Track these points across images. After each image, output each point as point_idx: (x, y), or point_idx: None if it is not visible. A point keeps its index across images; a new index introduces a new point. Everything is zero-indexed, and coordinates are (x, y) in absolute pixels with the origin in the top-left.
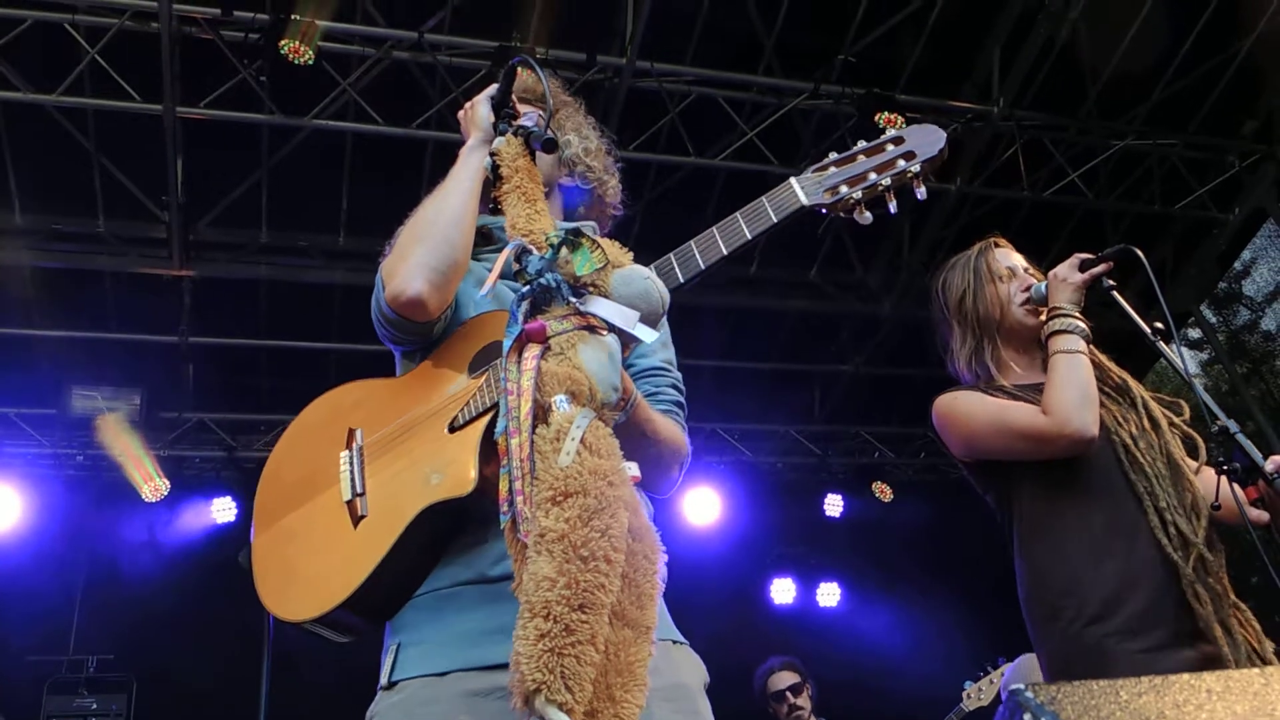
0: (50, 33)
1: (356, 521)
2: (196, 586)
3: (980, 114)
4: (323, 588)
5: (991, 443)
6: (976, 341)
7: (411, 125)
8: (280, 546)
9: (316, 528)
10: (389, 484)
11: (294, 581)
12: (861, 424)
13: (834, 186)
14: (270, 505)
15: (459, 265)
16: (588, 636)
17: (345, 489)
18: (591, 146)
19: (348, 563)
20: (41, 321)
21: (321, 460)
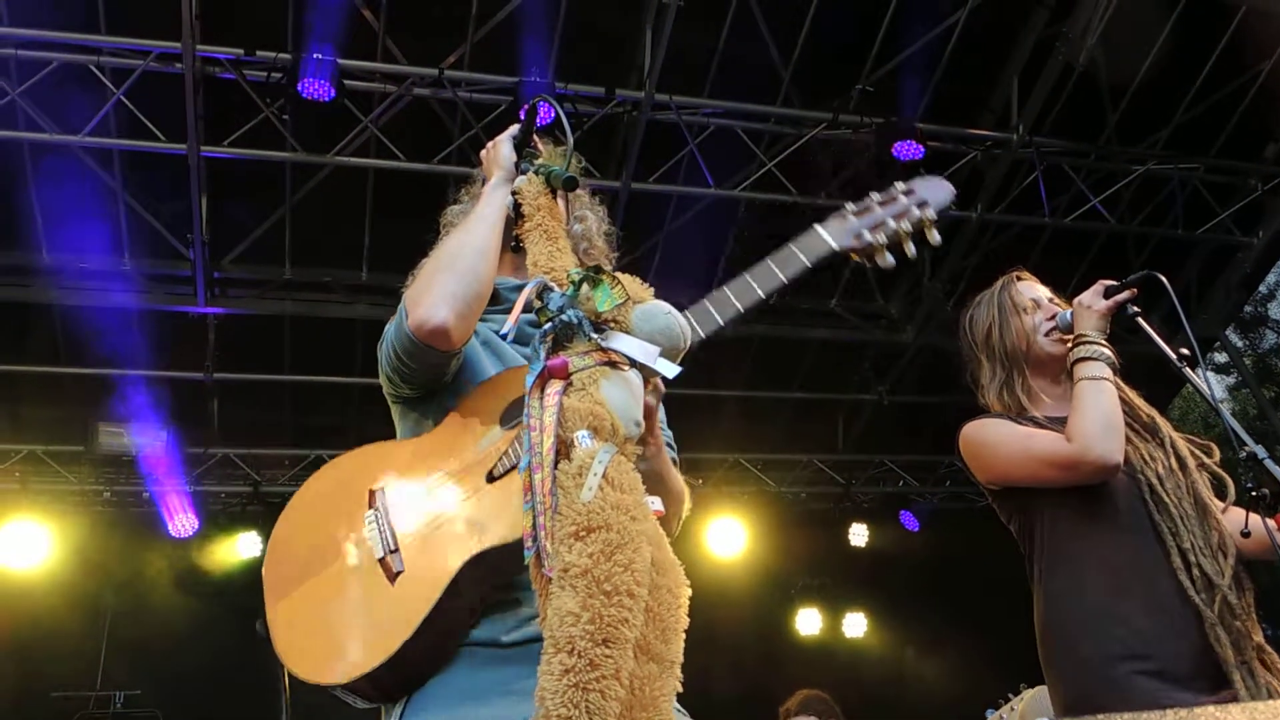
0: (76, 75)
1: (393, 578)
2: (222, 622)
3: (1000, 141)
4: (366, 645)
5: (1016, 469)
6: (1006, 374)
7: (433, 161)
8: (308, 611)
9: (348, 588)
10: (427, 538)
11: (329, 644)
12: (886, 453)
13: (858, 232)
14: (286, 574)
15: (482, 297)
16: (612, 671)
17: (376, 547)
18: (602, 229)
19: (391, 618)
20: (69, 359)
21: (341, 523)
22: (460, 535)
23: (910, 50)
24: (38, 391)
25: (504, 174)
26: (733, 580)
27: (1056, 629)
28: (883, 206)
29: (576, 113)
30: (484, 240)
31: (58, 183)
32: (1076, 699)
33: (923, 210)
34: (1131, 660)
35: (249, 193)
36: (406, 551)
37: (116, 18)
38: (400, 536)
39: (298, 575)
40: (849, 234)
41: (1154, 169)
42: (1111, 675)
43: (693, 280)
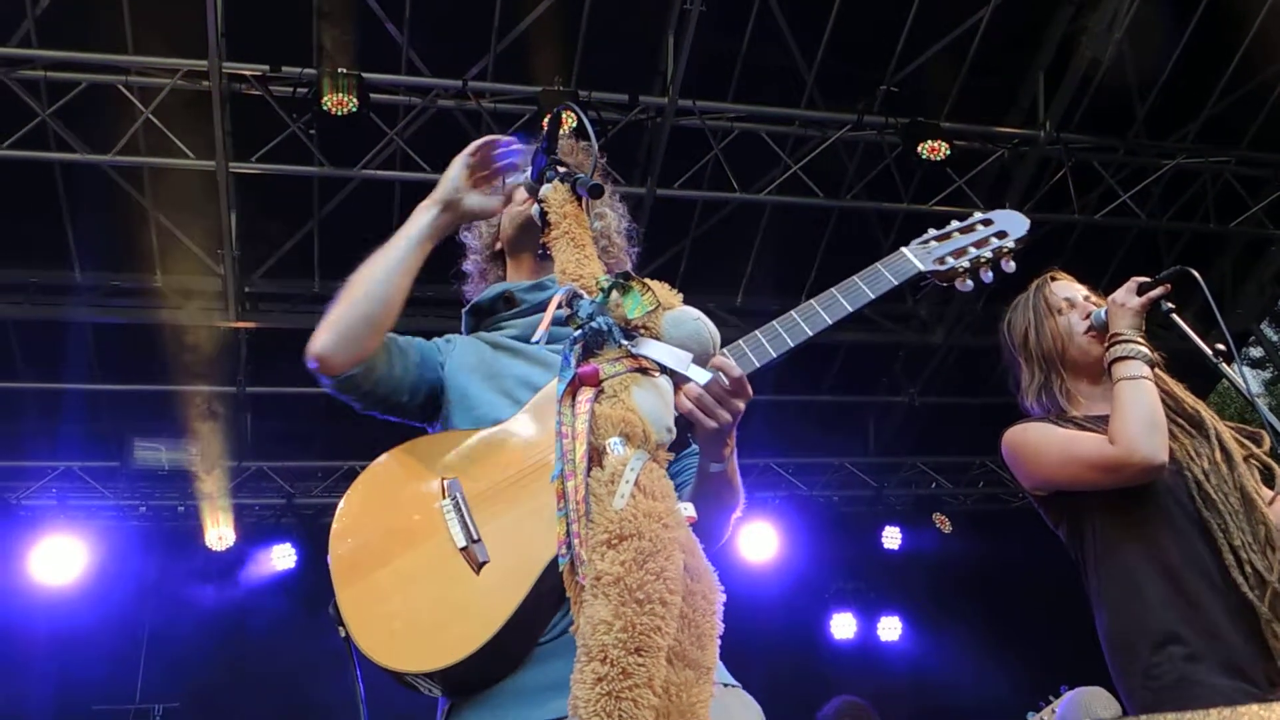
0: (104, 94)
1: (478, 568)
2: (259, 633)
3: (1027, 138)
4: (458, 632)
5: (1061, 473)
6: (1044, 376)
7: None
8: (384, 597)
9: (429, 576)
10: (511, 530)
11: (416, 630)
12: (918, 455)
13: (941, 257)
14: (356, 557)
15: (375, 320)
16: (645, 679)
17: (458, 536)
18: (621, 227)
19: (482, 606)
20: (103, 376)
21: (413, 512)
22: (548, 529)
23: (934, 49)
24: (73, 409)
25: (440, 195)
26: (766, 585)
27: (1121, 640)
28: (963, 234)
29: (600, 120)
30: (391, 261)
31: (89, 202)
32: (1141, 705)
33: (1002, 240)
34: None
35: (277, 207)
36: (490, 542)
37: (143, 37)
38: (482, 527)
39: (371, 560)
40: (932, 258)
41: (1184, 163)
42: (1172, 679)
43: (719, 286)
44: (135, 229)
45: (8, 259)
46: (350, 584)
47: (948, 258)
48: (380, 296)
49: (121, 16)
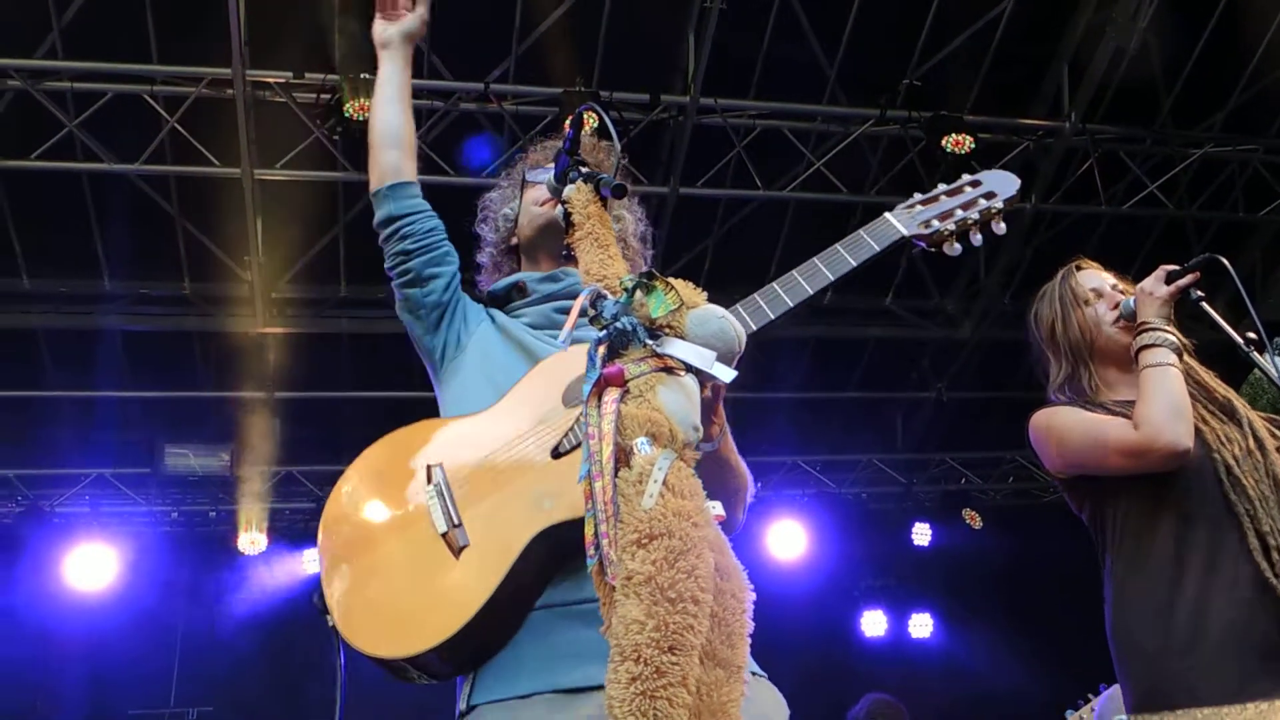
0: (130, 104)
1: (458, 552)
2: (291, 636)
3: (1052, 130)
4: (434, 618)
5: (1085, 457)
6: (1072, 368)
7: (482, 174)
8: (369, 586)
9: (410, 562)
10: (490, 514)
11: (396, 617)
12: (947, 451)
13: (926, 220)
14: (343, 548)
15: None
16: (679, 678)
17: (439, 522)
18: (639, 230)
19: (458, 591)
20: (133, 383)
21: (399, 497)
22: (526, 510)
23: (957, 42)
24: (105, 416)
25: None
26: (795, 583)
27: (1123, 621)
28: (950, 196)
29: (622, 119)
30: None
31: (117, 211)
32: (1145, 693)
33: (990, 201)
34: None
35: (302, 213)
36: (470, 526)
37: (167, 47)
38: (463, 511)
39: (355, 551)
40: (917, 222)
41: (1211, 152)
42: (1178, 671)
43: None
44: (163, 237)
45: (38, 269)
46: (336, 573)
47: (933, 221)
48: (388, 125)
49: (146, 27)
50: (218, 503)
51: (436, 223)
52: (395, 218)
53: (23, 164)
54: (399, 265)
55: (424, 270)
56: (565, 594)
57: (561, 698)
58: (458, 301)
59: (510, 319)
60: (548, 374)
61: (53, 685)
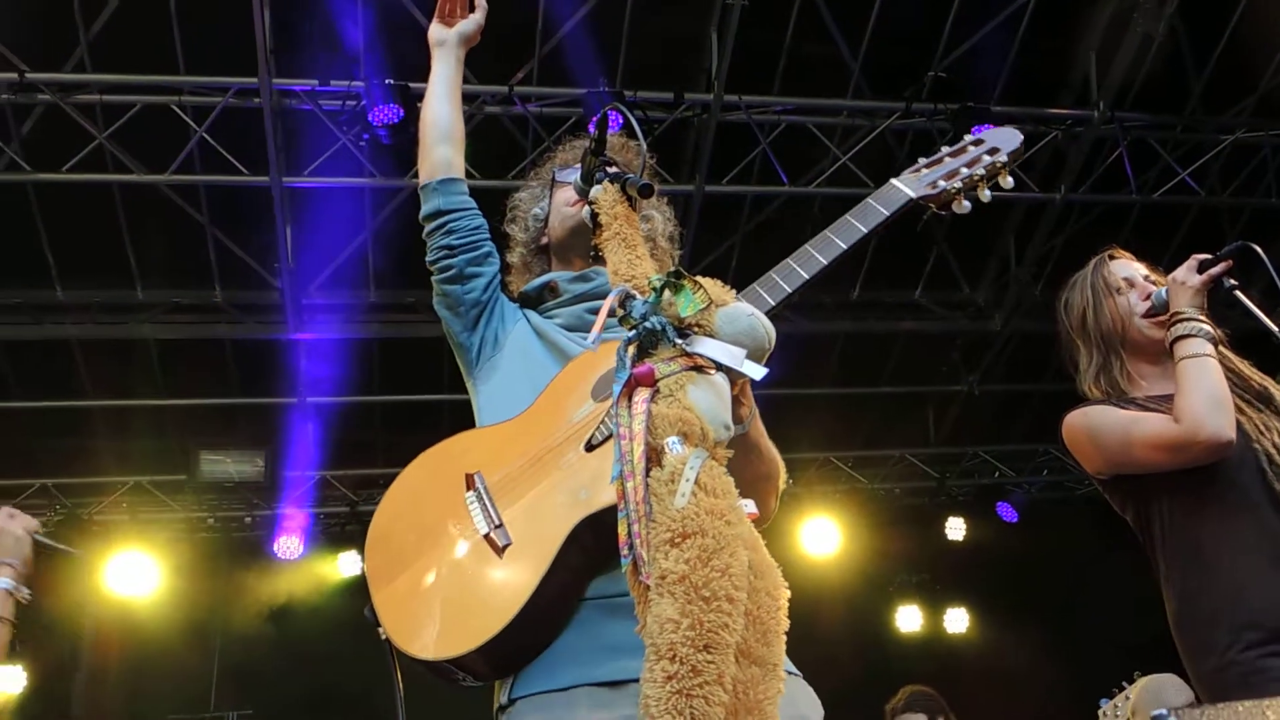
0: (158, 115)
1: (501, 552)
2: (327, 639)
3: (1080, 119)
4: (480, 617)
5: (1125, 456)
6: (1103, 359)
7: (507, 177)
8: (416, 591)
9: (455, 566)
10: (530, 511)
11: (442, 619)
12: (979, 444)
13: (933, 181)
14: (389, 560)
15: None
16: (714, 676)
17: (480, 524)
18: (668, 230)
19: (503, 589)
20: (168, 391)
21: (442, 507)
22: (565, 504)
23: (982, 32)
24: (141, 424)
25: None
26: (829, 580)
27: (1190, 623)
28: (954, 157)
29: (646, 118)
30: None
31: (148, 221)
32: (1217, 693)
33: (994, 156)
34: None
35: (331, 219)
36: (512, 526)
37: (194, 57)
38: (504, 512)
39: (401, 561)
40: (924, 184)
41: (1243, 137)
42: (1248, 664)
43: None
44: (194, 246)
45: (72, 280)
46: (384, 584)
47: (939, 181)
48: (439, 121)
49: (172, 38)
50: (253, 508)
51: (482, 222)
52: (442, 212)
53: (54, 176)
54: (441, 260)
55: (466, 268)
56: (605, 587)
57: (602, 691)
58: (496, 301)
59: (544, 319)
60: (577, 373)
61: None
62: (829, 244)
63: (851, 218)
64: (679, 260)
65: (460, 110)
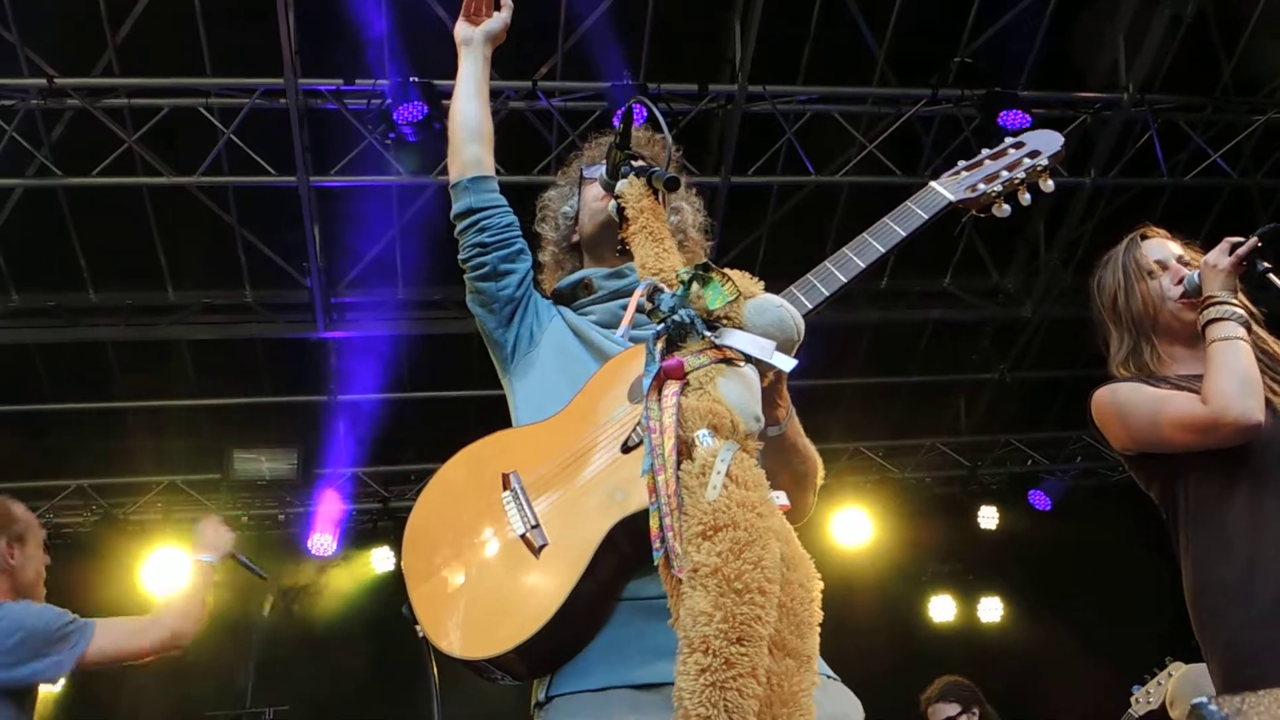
0: (186, 118)
1: (537, 552)
2: (362, 635)
3: (1109, 102)
4: (516, 618)
5: (1152, 434)
6: (1134, 342)
7: (533, 172)
8: (451, 591)
9: (492, 566)
10: (566, 512)
11: (479, 619)
12: (1011, 432)
13: (973, 185)
14: (426, 559)
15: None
16: (748, 669)
17: (516, 525)
18: (698, 221)
19: (539, 590)
20: (200, 391)
21: (478, 507)
22: (601, 505)
23: (1008, 17)
24: (175, 424)
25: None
26: (861, 570)
27: (1204, 598)
28: (994, 160)
29: (671, 111)
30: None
31: (177, 223)
32: (1230, 669)
33: (1034, 159)
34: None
35: (358, 218)
36: (548, 526)
37: (220, 60)
38: (540, 513)
39: (438, 559)
40: (963, 187)
41: (1275, 117)
42: (1264, 644)
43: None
44: (223, 247)
45: (104, 283)
46: (421, 582)
47: (979, 184)
48: (467, 118)
49: (199, 41)
50: (286, 505)
51: (513, 219)
52: (474, 210)
53: (85, 181)
54: (474, 258)
55: (499, 265)
56: (643, 588)
57: (638, 693)
58: (530, 297)
59: (578, 316)
60: (613, 373)
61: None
62: (867, 247)
63: (890, 221)
64: (708, 251)
65: (488, 108)
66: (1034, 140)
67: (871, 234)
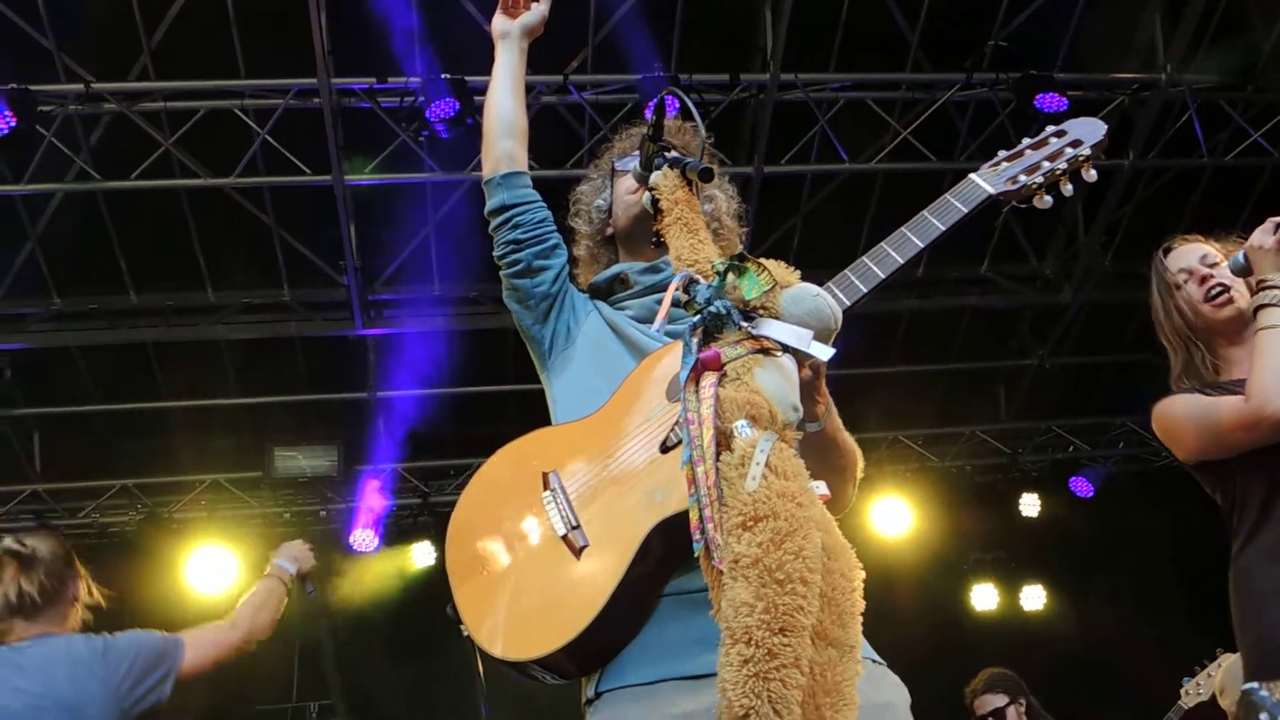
0: (221, 119)
1: (578, 553)
2: (404, 629)
3: (1147, 83)
4: (560, 619)
5: (1204, 441)
6: (1186, 354)
7: (565, 166)
8: (494, 592)
9: (533, 567)
10: (606, 512)
11: (522, 620)
12: (1052, 418)
13: (1013, 176)
14: (469, 559)
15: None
16: (791, 659)
17: (558, 525)
18: (732, 208)
19: (581, 591)
20: (240, 390)
21: (518, 507)
22: (641, 505)
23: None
24: (217, 423)
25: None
26: (902, 560)
27: (1243, 593)
28: (1036, 150)
29: (702, 101)
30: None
31: (215, 224)
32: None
33: (1076, 149)
34: None
35: (393, 215)
36: (589, 526)
37: (254, 61)
38: (580, 513)
39: (481, 560)
40: (1003, 179)
41: None
42: None
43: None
44: (261, 247)
45: (145, 284)
46: (465, 582)
47: (1020, 176)
48: (501, 113)
49: (232, 43)
50: (327, 502)
51: (547, 214)
52: (508, 206)
53: (123, 184)
54: (509, 254)
55: (534, 261)
56: (687, 582)
57: (687, 684)
58: (566, 293)
59: (615, 311)
60: (651, 370)
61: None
62: (905, 243)
63: (928, 215)
64: (743, 238)
65: (523, 102)
66: (1076, 129)
67: (910, 228)
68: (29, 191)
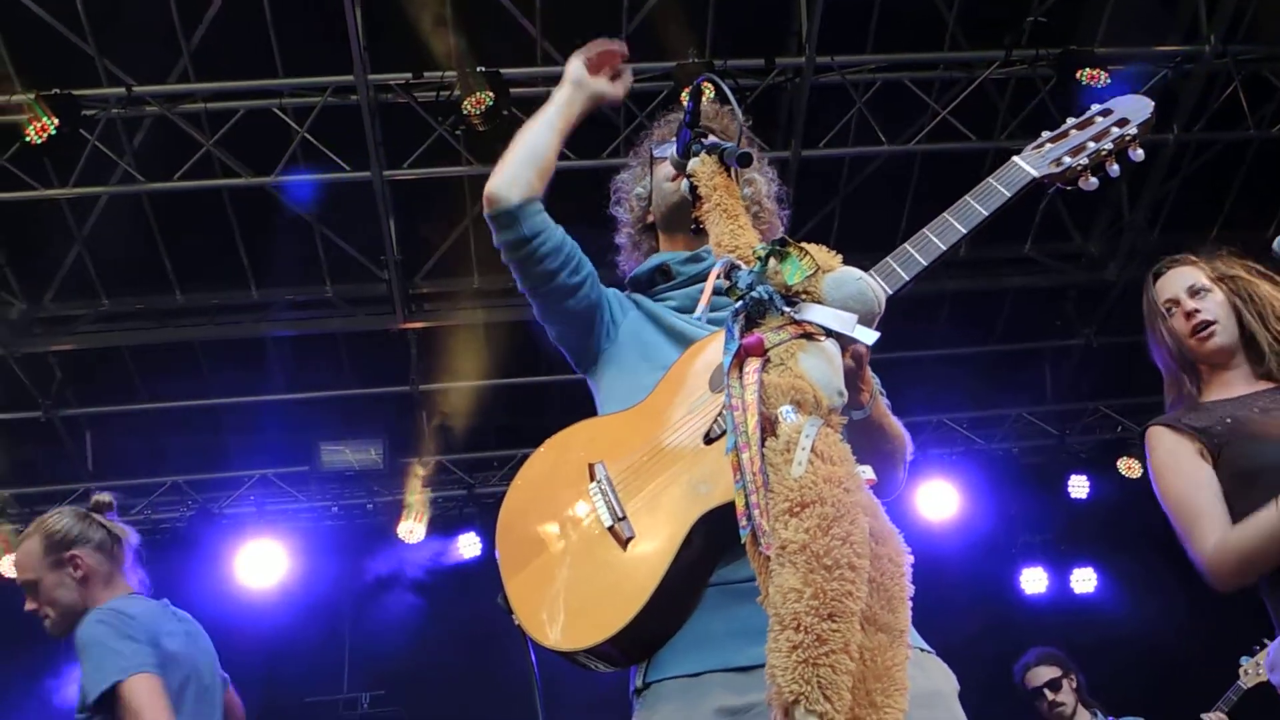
0: (261, 118)
1: (625, 544)
2: (452, 618)
3: (1191, 55)
4: (608, 609)
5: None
6: (1174, 375)
7: (602, 155)
8: (544, 582)
9: (581, 558)
10: (651, 503)
11: (572, 611)
12: (1099, 399)
13: (1057, 158)
14: (518, 550)
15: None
16: (840, 645)
17: (604, 516)
18: (771, 191)
19: (629, 581)
20: (286, 386)
21: (566, 498)
22: (686, 497)
23: None
24: (263, 419)
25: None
26: (950, 544)
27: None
28: (1080, 130)
29: (738, 86)
30: (542, 121)
31: (257, 222)
32: None
33: (1123, 128)
34: None
35: (432, 209)
36: (635, 517)
37: (291, 60)
38: (626, 504)
39: (530, 550)
40: (1048, 161)
41: None
42: None
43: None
44: (302, 244)
45: (190, 284)
46: (515, 573)
47: (1064, 158)
48: (536, 144)
49: (269, 42)
50: (374, 495)
51: (561, 231)
52: (528, 239)
53: (167, 185)
54: (541, 285)
55: (569, 280)
56: (733, 573)
57: (736, 676)
58: (601, 294)
59: (656, 303)
60: (693, 361)
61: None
62: (948, 228)
63: (971, 199)
64: (784, 221)
65: (560, 148)
66: (1122, 107)
67: (952, 214)
68: (75, 195)
